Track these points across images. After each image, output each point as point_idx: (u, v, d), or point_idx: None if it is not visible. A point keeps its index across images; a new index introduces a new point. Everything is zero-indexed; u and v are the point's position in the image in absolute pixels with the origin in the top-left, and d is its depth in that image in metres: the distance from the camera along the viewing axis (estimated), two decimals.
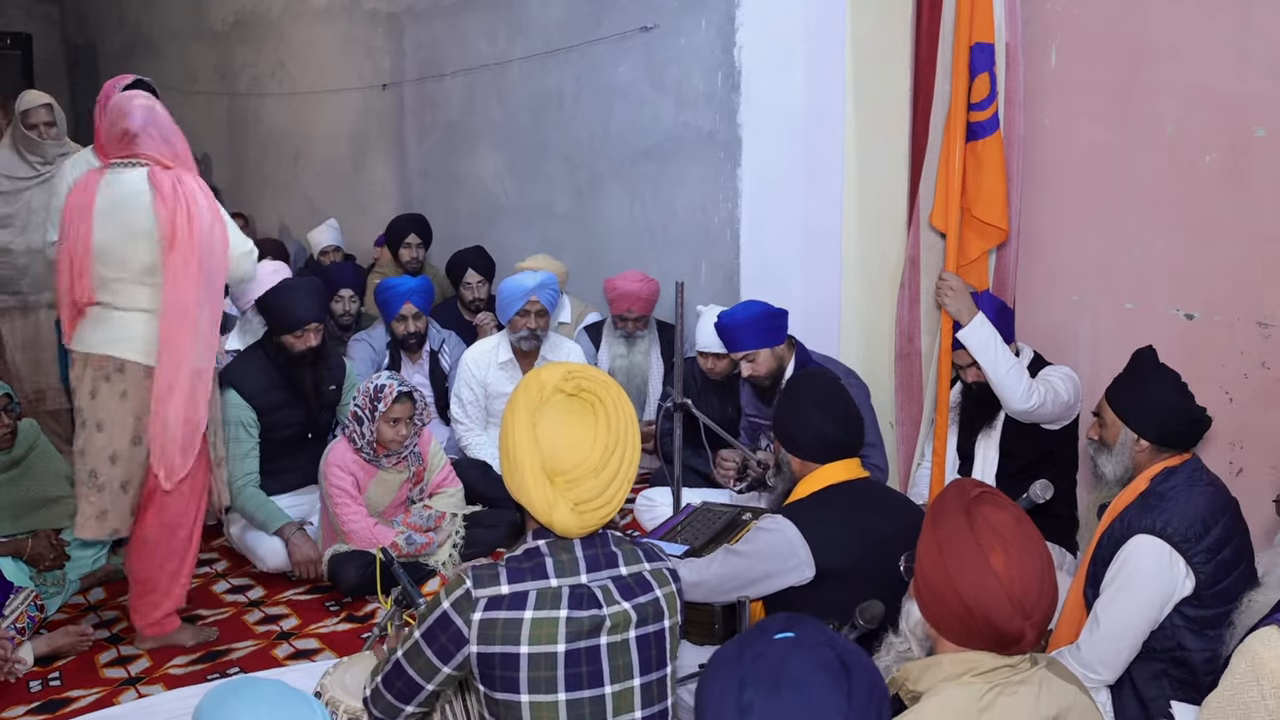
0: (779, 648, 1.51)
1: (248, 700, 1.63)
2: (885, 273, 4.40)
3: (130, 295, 3.28)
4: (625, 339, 5.06)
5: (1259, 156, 3.40)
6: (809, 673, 1.47)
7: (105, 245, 3.24)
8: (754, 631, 1.58)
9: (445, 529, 4.11)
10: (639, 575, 2.05)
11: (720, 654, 1.57)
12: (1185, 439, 2.82)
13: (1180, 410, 2.81)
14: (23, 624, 3.46)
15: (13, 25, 11.96)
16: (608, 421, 1.99)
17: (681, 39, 5.05)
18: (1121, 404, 2.89)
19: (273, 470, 4.19)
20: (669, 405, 3.70)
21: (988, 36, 3.66)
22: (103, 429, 3.28)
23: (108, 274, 3.27)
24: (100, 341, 3.28)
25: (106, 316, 3.29)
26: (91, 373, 3.28)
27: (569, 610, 1.93)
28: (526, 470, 1.95)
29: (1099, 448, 2.94)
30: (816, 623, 1.59)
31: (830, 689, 1.46)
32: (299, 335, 4.15)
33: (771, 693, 1.46)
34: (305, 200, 8.46)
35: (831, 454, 2.75)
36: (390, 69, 7.27)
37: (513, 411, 1.99)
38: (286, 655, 3.55)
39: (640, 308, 4.98)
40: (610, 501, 1.99)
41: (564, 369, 2.02)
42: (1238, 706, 1.82)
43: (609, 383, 2.04)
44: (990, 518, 1.81)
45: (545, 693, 1.93)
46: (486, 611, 1.92)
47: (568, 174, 5.92)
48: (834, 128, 4.41)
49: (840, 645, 1.53)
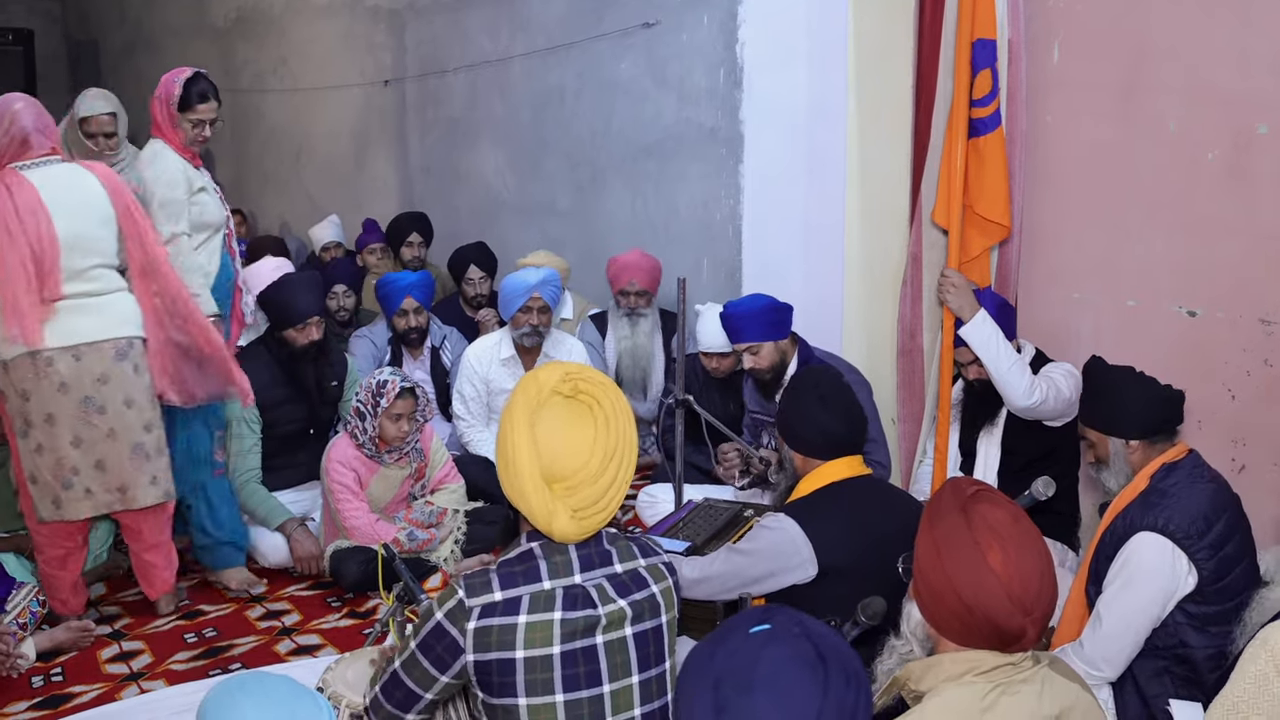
0: (753, 643, 1.49)
1: (254, 695, 1.63)
2: (887, 269, 4.40)
3: (108, 278, 3.41)
4: (629, 318, 5.05)
5: (1261, 154, 3.39)
6: (782, 666, 1.45)
7: (76, 236, 3.31)
8: (727, 628, 1.56)
9: (447, 525, 4.11)
10: (634, 572, 2.04)
11: (695, 653, 1.55)
12: (1170, 421, 2.83)
13: (1151, 398, 2.84)
14: (25, 619, 3.46)
15: (14, 21, 11.97)
16: (607, 425, 1.97)
17: (683, 35, 5.04)
18: (1096, 418, 2.92)
19: (274, 466, 4.20)
20: (671, 401, 3.70)
21: (990, 32, 3.66)
22: (54, 423, 3.33)
23: (83, 264, 3.33)
24: (99, 329, 3.35)
25: (91, 305, 3.36)
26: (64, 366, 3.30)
27: (563, 612, 1.93)
28: (526, 477, 1.93)
29: (1098, 467, 2.95)
30: (792, 613, 1.56)
31: (805, 682, 1.44)
32: (301, 329, 4.16)
33: (745, 690, 1.44)
34: (307, 197, 8.46)
35: (834, 451, 2.75)
36: (392, 65, 7.27)
37: (511, 415, 1.97)
38: (288, 651, 3.55)
39: (641, 280, 4.97)
40: (608, 506, 1.99)
41: (562, 370, 2.00)
42: (1262, 698, 1.82)
43: (607, 384, 2.02)
44: (987, 516, 1.80)
45: (542, 695, 1.93)
46: (481, 619, 1.91)
47: (569, 170, 5.92)
48: (836, 124, 4.40)
49: (816, 634, 1.51)
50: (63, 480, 3.37)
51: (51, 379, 3.29)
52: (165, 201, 3.74)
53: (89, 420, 3.36)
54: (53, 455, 3.36)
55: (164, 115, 3.82)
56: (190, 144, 3.87)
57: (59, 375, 3.30)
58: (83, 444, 3.37)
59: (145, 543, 3.63)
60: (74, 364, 3.32)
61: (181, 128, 3.83)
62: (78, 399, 3.33)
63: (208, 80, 3.90)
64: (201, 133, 3.86)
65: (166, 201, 3.74)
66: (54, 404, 3.31)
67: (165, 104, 3.81)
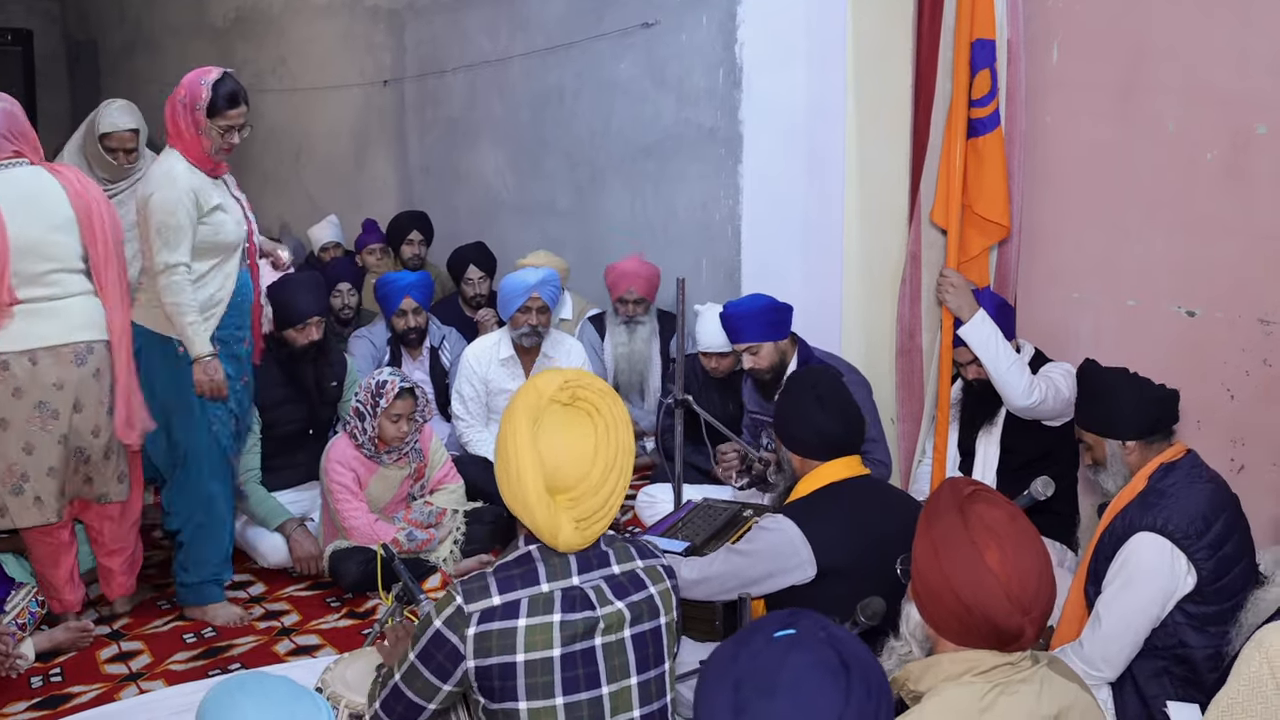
0: (777, 647, 1.49)
1: (253, 695, 1.64)
2: (886, 269, 4.40)
3: (67, 283, 3.33)
4: (626, 326, 5.05)
5: (1260, 154, 3.40)
6: (805, 672, 1.46)
7: (29, 241, 3.23)
8: (752, 629, 1.56)
9: (446, 525, 4.11)
10: (632, 573, 2.04)
11: (718, 653, 1.55)
12: (1165, 421, 2.84)
13: (1145, 399, 2.84)
14: (24, 620, 3.46)
15: (13, 21, 11.97)
16: (608, 433, 1.96)
17: (683, 35, 5.04)
18: (1092, 421, 2.91)
19: (274, 466, 4.20)
20: (670, 401, 3.70)
21: (989, 33, 3.66)
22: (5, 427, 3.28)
23: (35, 269, 3.26)
24: (58, 333, 3.29)
25: (48, 309, 3.29)
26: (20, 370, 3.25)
27: (562, 614, 1.93)
28: (530, 490, 1.92)
29: (1096, 469, 2.95)
30: (818, 618, 1.56)
31: (827, 689, 1.45)
32: (301, 329, 4.15)
33: (766, 694, 1.44)
34: (306, 197, 8.46)
35: (833, 451, 2.75)
36: (391, 65, 7.27)
37: (512, 426, 1.95)
38: (287, 651, 3.55)
39: (640, 288, 4.98)
40: (609, 514, 1.99)
41: (561, 378, 1.99)
42: (1255, 701, 1.82)
43: (605, 390, 2.01)
44: (984, 515, 1.80)
45: (543, 698, 1.92)
46: (480, 625, 1.91)
47: (569, 171, 5.92)
48: (835, 124, 4.40)
49: (842, 642, 1.51)
50: (11, 487, 3.32)
51: (6, 383, 3.24)
52: (161, 228, 3.40)
53: (44, 426, 3.30)
54: (3, 461, 3.30)
55: (187, 121, 3.45)
56: (215, 153, 3.52)
57: (14, 380, 3.24)
58: (35, 450, 3.31)
59: (105, 548, 3.62)
60: (30, 368, 3.25)
61: (208, 135, 3.46)
62: (31, 403, 3.27)
63: (235, 80, 3.53)
64: (230, 140, 3.50)
65: (163, 228, 3.40)
66: (7, 409, 3.26)
67: (189, 109, 3.44)
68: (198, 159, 3.50)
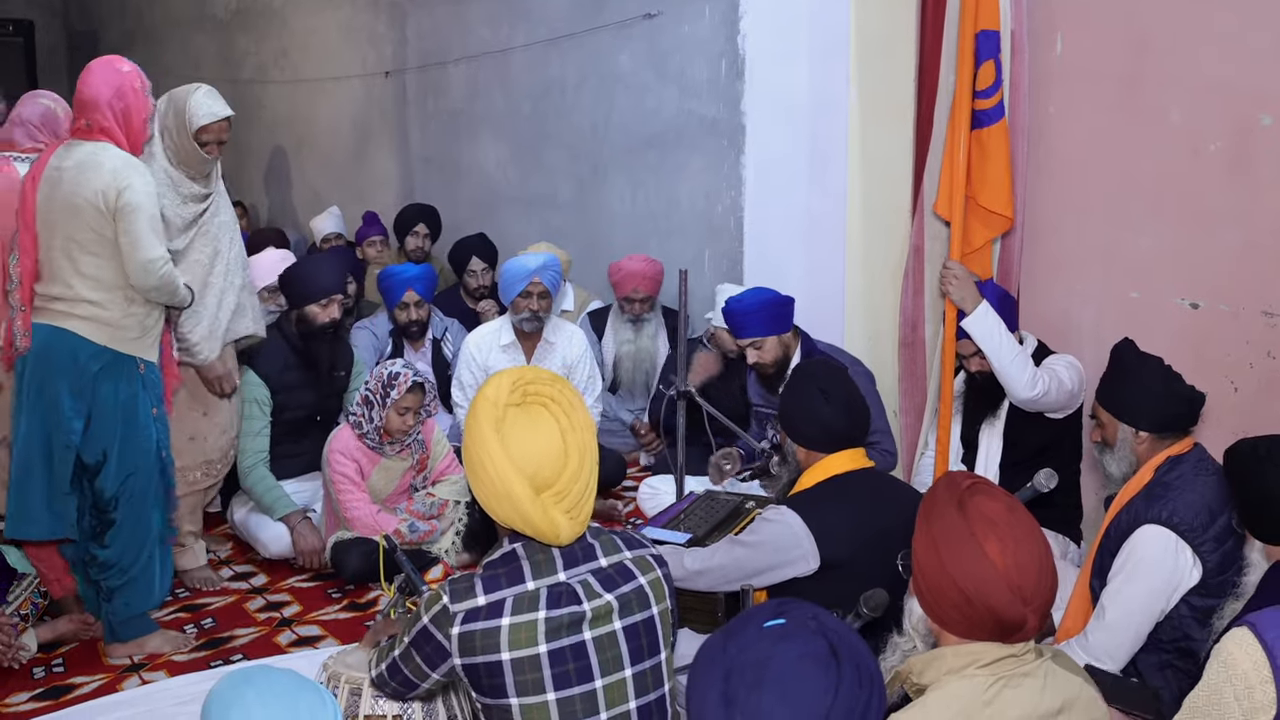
0: (766, 637, 1.49)
1: (258, 687, 1.64)
2: (889, 261, 4.39)
3: None
4: (632, 323, 5.06)
5: (1264, 145, 3.38)
6: (795, 663, 1.45)
7: None
8: (742, 620, 1.56)
9: (448, 516, 4.11)
10: (620, 565, 2.04)
11: (708, 643, 1.55)
12: (1183, 420, 2.82)
13: (1172, 395, 2.82)
14: (26, 610, 3.46)
15: (14, 12, 11.95)
16: (568, 418, 1.98)
17: (685, 27, 5.03)
18: (1113, 401, 2.89)
19: (278, 455, 4.19)
20: (672, 393, 3.70)
21: (993, 24, 3.65)
22: None
23: None
24: None
25: None
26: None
27: (546, 610, 1.93)
28: (519, 497, 1.93)
29: (1102, 449, 2.94)
30: (808, 608, 1.56)
31: (816, 678, 1.45)
32: (324, 305, 4.15)
33: (754, 685, 1.44)
34: (308, 188, 8.45)
35: (836, 444, 2.75)
36: (393, 57, 7.26)
37: (481, 443, 1.94)
38: (289, 642, 3.55)
39: (646, 287, 4.98)
40: (592, 494, 2.01)
41: (508, 381, 2.00)
42: (1214, 707, 1.83)
43: (551, 377, 2.03)
44: (983, 508, 1.80)
45: (534, 694, 1.93)
46: (464, 625, 1.92)
47: (570, 162, 5.91)
48: (838, 115, 4.39)
49: (832, 631, 1.51)
50: None
51: None
52: (153, 219, 3.26)
53: None
54: None
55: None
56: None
57: None
58: None
59: (33, 552, 3.56)
60: None
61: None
62: None
63: None
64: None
65: (154, 218, 3.27)
66: None
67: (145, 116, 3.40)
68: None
